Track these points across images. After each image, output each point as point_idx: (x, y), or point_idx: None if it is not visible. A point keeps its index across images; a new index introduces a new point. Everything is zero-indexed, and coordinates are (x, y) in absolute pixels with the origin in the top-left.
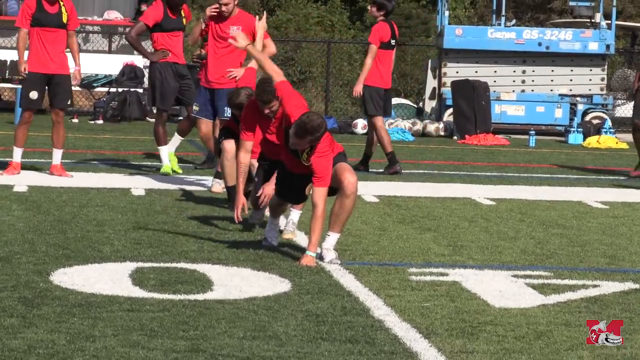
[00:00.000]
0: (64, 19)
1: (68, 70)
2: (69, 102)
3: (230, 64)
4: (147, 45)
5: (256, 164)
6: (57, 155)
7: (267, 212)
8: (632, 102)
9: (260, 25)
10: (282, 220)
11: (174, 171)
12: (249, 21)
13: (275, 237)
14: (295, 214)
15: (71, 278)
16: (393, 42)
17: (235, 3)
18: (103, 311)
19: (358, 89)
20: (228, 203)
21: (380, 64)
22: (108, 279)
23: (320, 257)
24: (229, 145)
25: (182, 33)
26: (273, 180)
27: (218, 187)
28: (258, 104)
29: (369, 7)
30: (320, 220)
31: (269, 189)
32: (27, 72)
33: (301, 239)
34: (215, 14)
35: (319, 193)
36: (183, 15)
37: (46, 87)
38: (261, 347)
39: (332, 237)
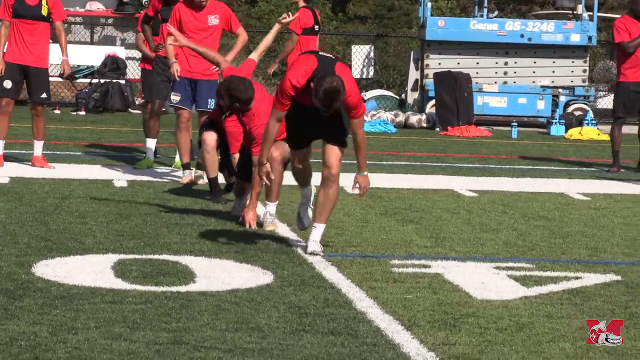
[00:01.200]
0: (44, 12)
1: (46, 64)
2: (45, 96)
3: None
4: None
5: (237, 157)
6: (37, 147)
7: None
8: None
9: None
10: (260, 211)
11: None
12: (223, 9)
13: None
14: (271, 206)
15: (53, 270)
16: (316, 27)
17: None
18: (85, 303)
19: (272, 68)
20: (210, 194)
21: (304, 50)
22: (90, 270)
23: (305, 247)
24: (210, 137)
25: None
26: (253, 205)
27: (186, 178)
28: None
29: None
30: (363, 145)
31: (251, 215)
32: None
33: (283, 229)
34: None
35: (359, 124)
36: None
37: (24, 80)
38: (244, 339)
39: (319, 229)
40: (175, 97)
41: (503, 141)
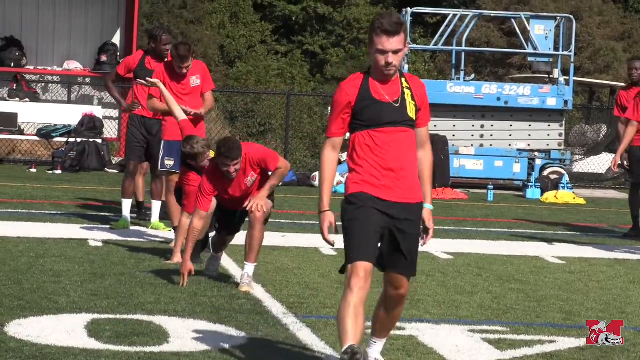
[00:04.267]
0: None
1: None
2: None
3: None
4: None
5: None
6: None
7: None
8: (590, 158)
9: None
10: (238, 272)
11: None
12: (203, 70)
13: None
14: (249, 267)
15: (26, 329)
16: None
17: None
18: None
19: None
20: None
21: None
22: (63, 330)
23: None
24: None
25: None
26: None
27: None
28: (217, 168)
29: None
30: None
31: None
32: None
33: (258, 290)
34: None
35: (426, 132)
36: None
37: None
38: None
39: (379, 345)
40: (169, 162)
41: (479, 204)
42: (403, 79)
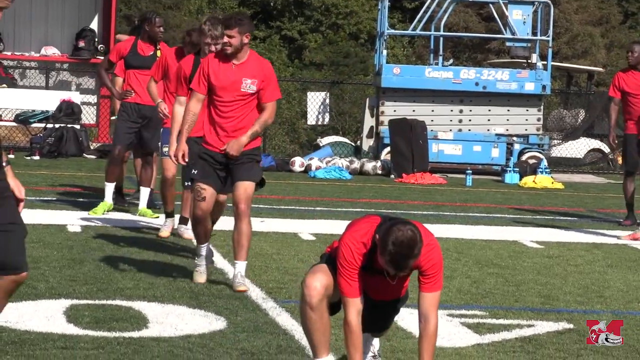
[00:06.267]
0: None
1: None
2: None
3: None
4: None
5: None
6: None
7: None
8: (568, 142)
9: None
10: (230, 270)
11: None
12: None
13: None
14: (241, 265)
15: (5, 315)
16: None
17: None
18: (37, 349)
19: None
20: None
21: None
22: (42, 316)
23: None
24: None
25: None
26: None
27: (167, 229)
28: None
29: None
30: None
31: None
32: None
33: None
34: None
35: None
36: (159, 55)
37: None
38: None
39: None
40: (166, 149)
41: (457, 189)
42: None
